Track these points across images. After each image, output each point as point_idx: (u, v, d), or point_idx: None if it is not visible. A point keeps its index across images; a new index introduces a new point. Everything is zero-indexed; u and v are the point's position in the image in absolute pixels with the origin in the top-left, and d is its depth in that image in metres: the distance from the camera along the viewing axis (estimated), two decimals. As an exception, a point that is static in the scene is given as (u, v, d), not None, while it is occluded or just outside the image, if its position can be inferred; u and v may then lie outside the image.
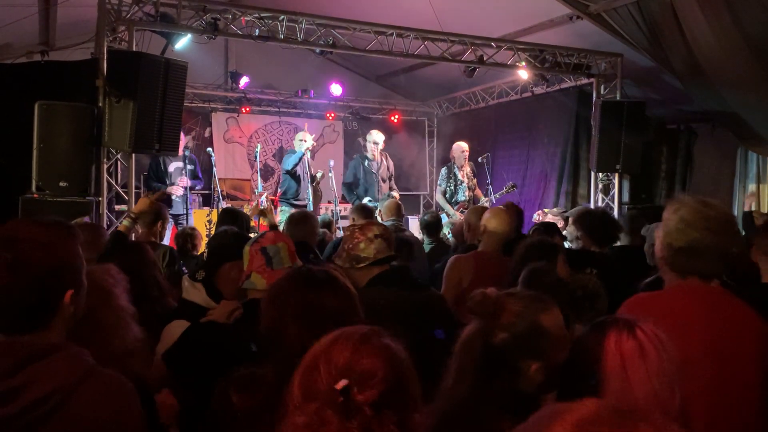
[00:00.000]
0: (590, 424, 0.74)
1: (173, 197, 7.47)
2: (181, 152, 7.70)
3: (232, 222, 4.60)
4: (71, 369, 1.37)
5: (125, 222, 3.76)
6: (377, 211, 6.15)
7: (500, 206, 4.56)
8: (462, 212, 8.14)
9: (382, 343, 1.22)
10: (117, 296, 1.86)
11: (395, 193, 8.44)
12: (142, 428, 1.48)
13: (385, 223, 5.65)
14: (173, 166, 7.72)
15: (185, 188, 7.59)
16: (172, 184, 7.57)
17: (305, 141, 8.22)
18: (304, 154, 8.10)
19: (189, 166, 7.70)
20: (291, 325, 1.55)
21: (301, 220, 4.43)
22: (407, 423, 1.16)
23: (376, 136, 8.62)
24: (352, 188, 8.59)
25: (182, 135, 8.04)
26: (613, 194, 8.30)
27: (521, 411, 1.44)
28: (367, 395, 1.12)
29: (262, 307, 1.70)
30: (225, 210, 5.96)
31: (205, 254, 3.13)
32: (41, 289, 1.41)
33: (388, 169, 8.79)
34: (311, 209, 7.86)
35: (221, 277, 2.76)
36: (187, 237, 5.72)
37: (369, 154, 8.59)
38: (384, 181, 8.68)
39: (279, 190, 8.84)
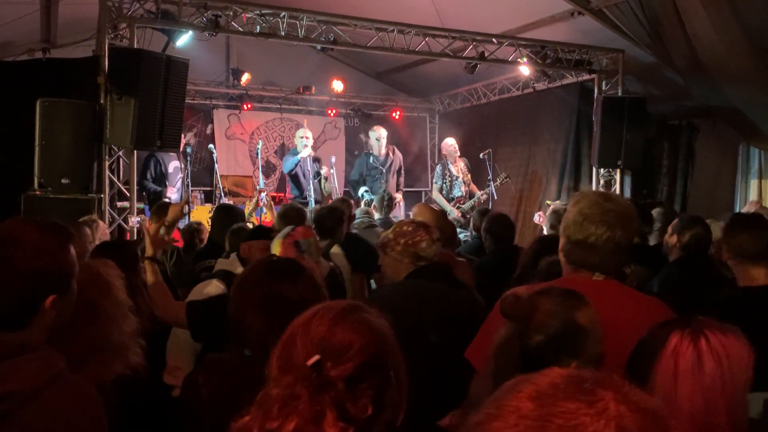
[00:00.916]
0: (545, 395, 0.69)
1: (172, 197, 7.44)
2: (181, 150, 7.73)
3: (227, 218, 4.61)
4: (37, 372, 1.35)
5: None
6: (371, 205, 6.19)
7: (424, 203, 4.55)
8: (458, 208, 8.16)
9: (361, 318, 1.21)
10: (117, 288, 1.87)
11: (399, 195, 8.48)
12: None
13: (365, 216, 5.73)
14: (172, 165, 7.70)
15: (179, 189, 7.60)
16: (172, 184, 7.54)
17: (306, 138, 8.21)
18: (300, 160, 8.07)
19: (184, 165, 7.70)
20: (249, 314, 1.57)
21: (296, 216, 4.39)
22: (384, 398, 1.16)
23: (379, 132, 8.63)
24: (357, 185, 8.59)
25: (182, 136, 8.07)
26: (615, 190, 8.30)
27: None
28: (340, 370, 1.12)
29: (230, 296, 1.73)
30: (220, 206, 5.98)
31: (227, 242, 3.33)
32: (23, 291, 1.41)
33: (396, 162, 8.78)
34: (312, 207, 7.86)
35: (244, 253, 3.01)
36: (194, 232, 5.74)
37: (374, 151, 8.60)
38: (393, 175, 8.67)
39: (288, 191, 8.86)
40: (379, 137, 8.58)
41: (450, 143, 8.48)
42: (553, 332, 1.52)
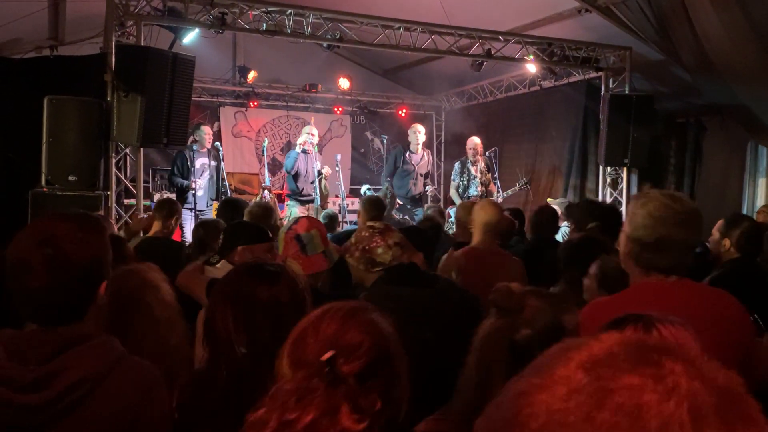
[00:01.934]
0: (602, 366, 0.57)
1: (197, 193, 7.46)
2: (208, 145, 7.75)
3: (233, 213, 4.63)
4: (102, 356, 1.42)
5: None
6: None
7: (489, 198, 4.56)
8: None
9: (368, 318, 1.27)
10: (166, 291, 1.92)
11: (429, 188, 8.51)
12: (169, 414, 1.52)
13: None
14: (199, 162, 7.71)
15: (204, 186, 7.64)
16: (196, 179, 7.56)
17: (312, 135, 8.18)
18: (298, 154, 8.05)
19: (214, 162, 7.73)
20: (220, 311, 1.59)
21: (263, 215, 4.36)
22: (391, 394, 1.21)
23: (417, 128, 8.64)
24: (388, 178, 8.59)
25: (209, 129, 8.11)
26: (622, 188, 8.27)
27: None
28: (351, 366, 1.18)
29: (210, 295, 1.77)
30: (225, 200, 6.00)
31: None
32: (80, 284, 1.45)
33: (427, 164, 8.78)
34: (318, 204, 7.86)
35: (238, 257, 2.95)
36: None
37: (412, 147, 8.61)
38: (421, 175, 8.66)
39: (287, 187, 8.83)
40: (417, 132, 8.57)
41: (476, 142, 8.39)
42: (540, 327, 1.53)
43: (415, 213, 8.24)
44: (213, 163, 7.75)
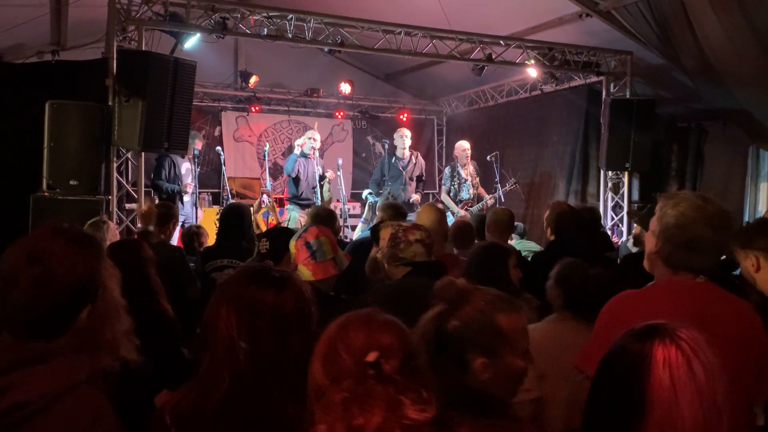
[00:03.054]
0: None
1: (184, 199, 7.48)
2: (190, 154, 7.76)
3: (238, 218, 4.63)
4: (57, 380, 1.38)
5: None
6: (375, 208, 6.17)
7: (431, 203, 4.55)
8: (467, 210, 8.15)
9: (386, 319, 1.32)
10: (110, 289, 1.88)
11: (417, 196, 8.48)
12: None
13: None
14: (184, 167, 7.74)
15: (192, 190, 7.65)
16: (184, 185, 7.58)
17: (314, 140, 8.19)
18: (298, 157, 8.06)
19: (197, 168, 7.76)
20: (224, 311, 1.56)
21: (327, 218, 4.44)
22: (427, 386, 1.26)
23: (403, 132, 8.67)
24: (376, 185, 8.59)
25: (199, 142, 8.13)
26: (623, 193, 8.26)
27: (477, 409, 1.45)
28: (392, 364, 1.23)
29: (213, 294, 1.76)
30: (230, 206, 6.01)
31: (260, 247, 3.30)
32: (64, 303, 1.44)
33: (417, 168, 8.76)
34: (318, 196, 7.84)
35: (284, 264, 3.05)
36: (193, 235, 5.77)
37: (398, 152, 8.60)
38: (412, 180, 8.65)
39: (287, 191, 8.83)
40: (403, 136, 8.59)
41: (464, 146, 8.42)
42: (471, 322, 1.53)
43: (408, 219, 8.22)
44: (196, 169, 7.76)
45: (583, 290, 2.70)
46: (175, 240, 5.75)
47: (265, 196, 7.27)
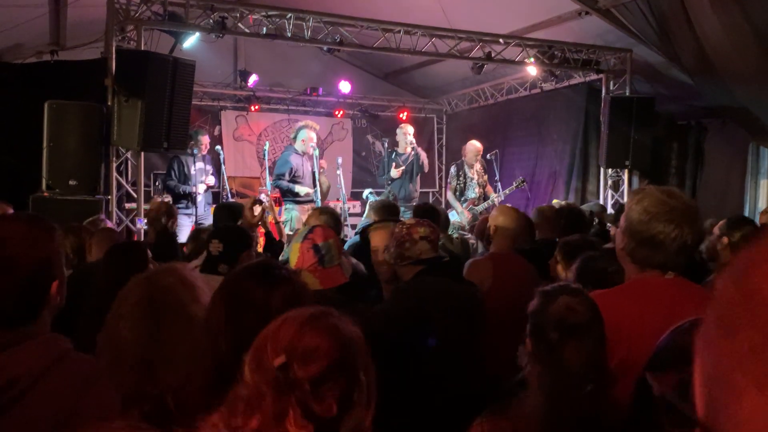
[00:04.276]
0: None
1: (198, 197, 7.45)
2: (204, 152, 7.75)
3: (229, 217, 4.62)
4: (40, 354, 1.40)
5: None
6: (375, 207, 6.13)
7: (507, 204, 4.55)
8: (471, 209, 8.13)
9: (329, 323, 1.26)
10: (202, 291, 1.90)
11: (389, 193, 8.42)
12: (112, 408, 1.46)
13: None
14: (196, 166, 7.68)
15: (208, 188, 7.63)
16: (194, 184, 7.54)
17: (311, 140, 8.10)
18: (291, 155, 7.99)
19: (208, 167, 7.73)
20: (215, 306, 1.57)
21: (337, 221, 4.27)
22: (350, 399, 1.20)
23: (406, 129, 8.60)
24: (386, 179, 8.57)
25: (206, 137, 8.10)
26: (623, 190, 8.26)
27: None
28: (306, 371, 1.17)
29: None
30: (219, 206, 6.00)
31: (211, 248, 3.17)
32: (31, 285, 1.44)
33: (417, 164, 8.72)
34: (319, 203, 7.81)
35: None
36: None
37: (399, 149, 8.58)
38: (414, 176, 8.62)
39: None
40: (405, 133, 8.54)
41: (477, 146, 8.33)
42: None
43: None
44: (211, 168, 7.73)
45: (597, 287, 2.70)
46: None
47: (263, 195, 7.24)
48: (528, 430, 1.64)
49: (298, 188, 7.72)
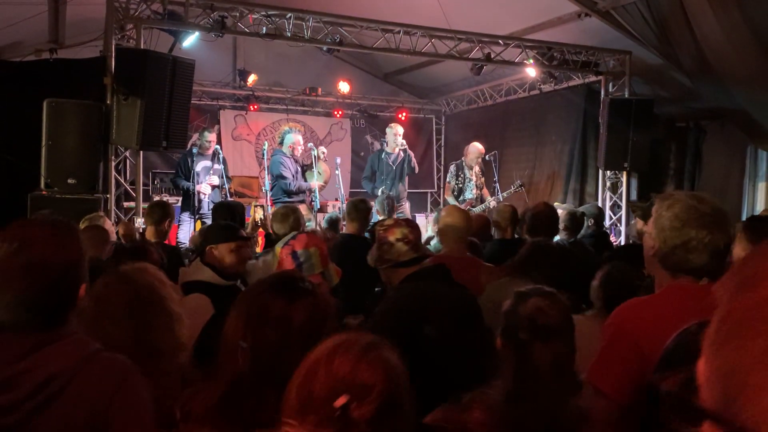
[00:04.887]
0: None
1: (202, 196, 7.44)
2: (211, 151, 7.72)
3: (228, 215, 4.61)
4: (72, 353, 1.42)
5: None
6: (374, 209, 6.13)
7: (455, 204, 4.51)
8: (469, 210, 8.13)
9: (382, 356, 1.24)
10: (174, 288, 1.93)
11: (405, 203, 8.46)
12: (147, 402, 1.50)
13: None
14: (200, 165, 7.67)
15: (214, 187, 7.61)
16: (198, 182, 7.52)
17: (299, 143, 8.18)
18: (282, 158, 8.00)
19: (218, 165, 7.69)
20: (233, 319, 1.55)
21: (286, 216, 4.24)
22: (400, 430, 1.21)
23: (396, 129, 8.59)
24: (369, 181, 8.56)
25: (213, 135, 8.08)
26: (621, 192, 8.27)
27: None
28: (363, 411, 1.15)
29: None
30: (219, 204, 5.99)
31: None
32: (62, 287, 1.45)
33: (407, 164, 8.72)
34: (317, 208, 7.82)
35: (209, 258, 2.98)
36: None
37: (388, 149, 8.58)
38: (403, 175, 8.62)
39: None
40: (395, 134, 8.53)
41: (480, 149, 8.31)
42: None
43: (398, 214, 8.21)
44: (218, 166, 7.71)
45: (623, 298, 2.69)
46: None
47: (260, 210, 7.18)
48: (484, 423, 1.63)
49: (305, 185, 7.93)
